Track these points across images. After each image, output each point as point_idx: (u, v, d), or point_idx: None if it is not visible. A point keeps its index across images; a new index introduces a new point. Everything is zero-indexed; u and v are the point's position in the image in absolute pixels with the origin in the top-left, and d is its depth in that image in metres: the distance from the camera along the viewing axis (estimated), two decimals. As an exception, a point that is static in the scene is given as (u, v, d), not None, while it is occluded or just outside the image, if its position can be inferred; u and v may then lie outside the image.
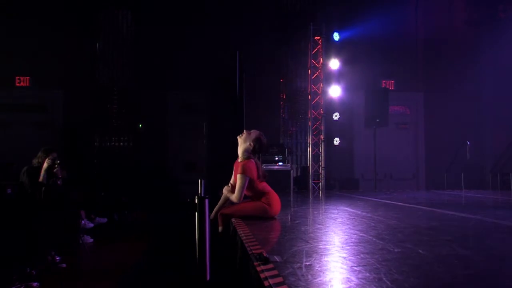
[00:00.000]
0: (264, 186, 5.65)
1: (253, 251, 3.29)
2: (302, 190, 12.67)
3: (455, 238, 4.44)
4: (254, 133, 5.60)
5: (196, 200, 3.93)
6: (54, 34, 12.98)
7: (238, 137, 5.65)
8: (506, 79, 13.76)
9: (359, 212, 7.28)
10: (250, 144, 5.50)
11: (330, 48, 13.44)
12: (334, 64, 13.20)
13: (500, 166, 13.92)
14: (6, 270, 4.52)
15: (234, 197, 5.40)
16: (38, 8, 13.06)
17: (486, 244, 4.17)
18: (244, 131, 5.66)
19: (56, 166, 6.78)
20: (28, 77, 13.57)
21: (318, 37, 13.30)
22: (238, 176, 5.39)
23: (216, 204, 5.80)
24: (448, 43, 14.35)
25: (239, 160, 5.59)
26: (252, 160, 5.52)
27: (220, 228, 5.36)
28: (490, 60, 14.25)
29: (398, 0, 14.03)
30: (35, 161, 6.99)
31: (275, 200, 5.61)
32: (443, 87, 14.15)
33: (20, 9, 13.08)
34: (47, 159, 6.86)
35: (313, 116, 13.16)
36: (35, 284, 4.48)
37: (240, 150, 5.59)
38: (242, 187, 5.36)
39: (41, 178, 6.80)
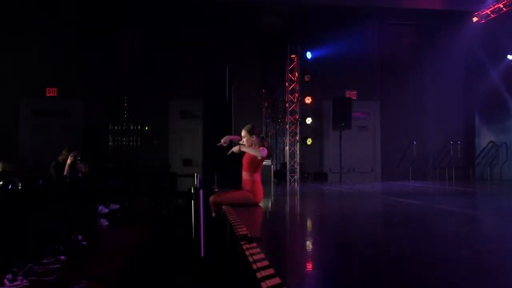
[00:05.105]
0: (258, 177, 5.58)
1: (240, 233, 3.34)
2: (281, 182, 12.76)
3: (403, 220, 4.54)
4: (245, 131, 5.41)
5: (192, 190, 4.02)
6: (76, 52, 12.88)
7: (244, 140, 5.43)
8: (443, 91, 14.33)
9: (327, 199, 7.41)
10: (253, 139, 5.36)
11: (304, 64, 13.58)
12: (307, 77, 13.37)
13: (438, 162, 14.49)
14: (39, 244, 4.59)
15: (244, 145, 5.28)
16: (64, 28, 12.91)
17: (426, 225, 4.26)
18: (242, 134, 5.43)
19: (77, 162, 6.81)
20: (56, 88, 13.54)
21: (294, 55, 13.43)
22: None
23: (209, 194, 5.79)
24: (399, 62, 14.65)
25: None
26: (264, 146, 5.41)
27: (213, 214, 5.42)
28: (430, 76, 14.78)
29: (359, 25, 14.19)
30: (60, 157, 7.00)
31: (259, 190, 5.57)
32: (395, 97, 14.42)
33: (49, 27, 12.85)
34: (70, 156, 6.89)
35: (289, 120, 13.28)
36: (62, 257, 4.56)
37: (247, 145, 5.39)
38: (252, 148, 5.27)
39: (65, 172, 6.82)
